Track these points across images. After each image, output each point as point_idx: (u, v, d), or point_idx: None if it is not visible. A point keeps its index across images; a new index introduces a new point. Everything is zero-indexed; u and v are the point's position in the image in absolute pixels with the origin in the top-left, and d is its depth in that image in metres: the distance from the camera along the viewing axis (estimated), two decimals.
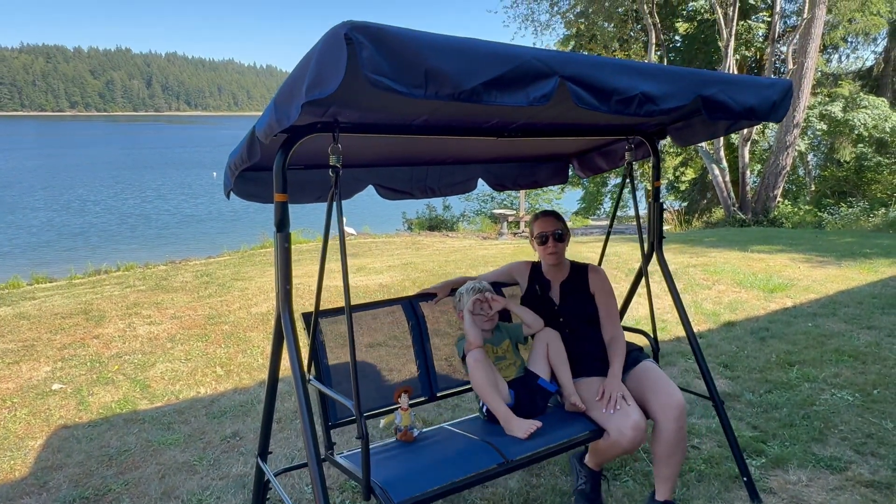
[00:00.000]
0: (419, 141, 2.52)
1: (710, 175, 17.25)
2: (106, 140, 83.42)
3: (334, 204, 2.09)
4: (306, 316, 2.48)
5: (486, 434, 2.46)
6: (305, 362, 2.35)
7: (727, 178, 16.99)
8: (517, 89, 1.61)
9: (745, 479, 2.80)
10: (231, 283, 7.81)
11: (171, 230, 20.19)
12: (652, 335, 3.01)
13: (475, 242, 12.22)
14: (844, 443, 3.28)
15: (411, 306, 2.79)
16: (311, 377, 2.39)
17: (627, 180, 3.09)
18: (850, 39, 20.95)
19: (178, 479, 3.07)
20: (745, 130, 16.62)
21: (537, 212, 2.90)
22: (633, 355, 2.78)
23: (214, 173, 38.29)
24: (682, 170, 21.67)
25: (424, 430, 2.63)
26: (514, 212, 14.49)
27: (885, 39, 20.82)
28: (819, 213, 15.78)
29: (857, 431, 3.40)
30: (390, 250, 10.76)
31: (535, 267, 2.96)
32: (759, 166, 18.76)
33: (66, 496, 2.93)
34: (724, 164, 17.04)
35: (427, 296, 2.85)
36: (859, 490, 2.84)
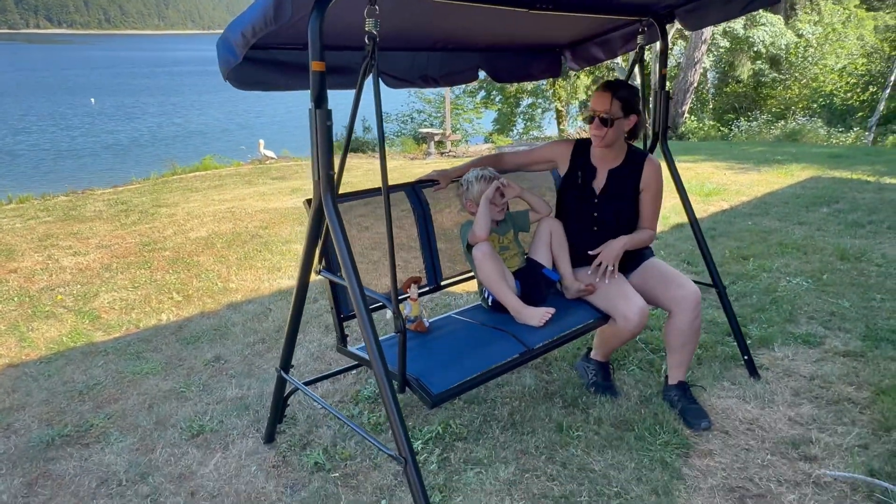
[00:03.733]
0: (426, 14, 2.28)
1: None
2: None
3: (367, 81, 1.83)
4: (309, 201, 2.22)
5: (497, 323, 2.46)
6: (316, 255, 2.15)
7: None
8: None
9: (745, 357, 2.96)
10: (154, 209, 7.19)
11: (46, 166, 17.72)
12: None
13: (405, 162, 11.93)
14: (813, 321, 3.55)
15: (415, 193, 2.63)
16: (322, 268, 2.19)
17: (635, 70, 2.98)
18: None
19: (168, 408, 2.81)
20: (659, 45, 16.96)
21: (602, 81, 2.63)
22: (640, 252, 2.75)
23: (92, 100, 34.49)
24: (593, 88, 22.06)
25: (432, 318, 2.58)
26: (441, 131, 14.20)
27: None
28: (722, 128, 16.72)
29: (821, 311, 3.67)
30: None
31: (581, 147, 2.73)
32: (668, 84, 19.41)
33: (42, 436, 2.60)
34: (638, 80, 17.46)
35: (428, 182, 2.68)
36: (839, 360, 3.09)
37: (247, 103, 31.85)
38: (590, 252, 2.57)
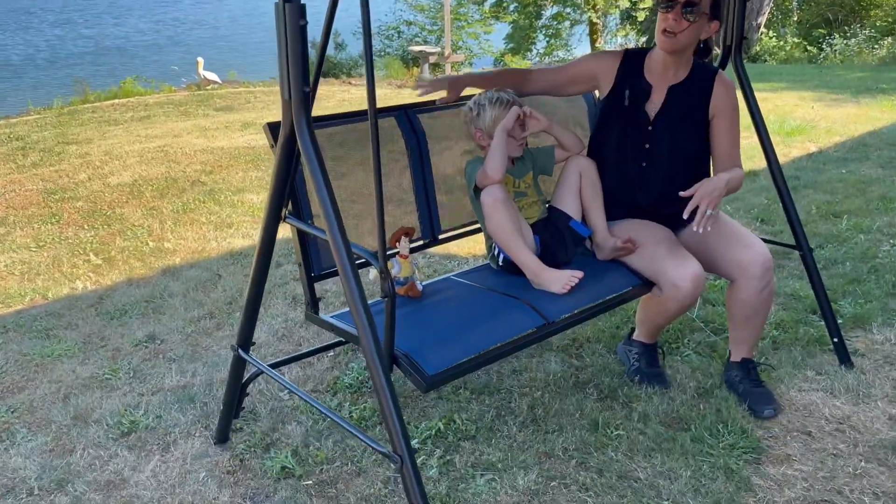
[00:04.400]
0: None
1: None
2: None
3: None
4: (272, 127, 2.23)
5: (509, 288, 2.49)
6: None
7: None
8: None
9: (834, 340, 3.01)
10: (61, 147, 7.28)
11: None
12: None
13: (390, 91, 11.86)
14: None
15: (408, 119, 2.62)
16: (288, 213, 2.21)
17: None
18: None
19: (89, 399, 2.87)
20: None
21: None
22: None
23: None
24: None
25: (426, 282, 2.62)
26: (438, 50, 14.02)
27: None
28: (809, 48, 16.57)
29: None
30: (276, 102, 10.21)
31: (631, 58, 2.70)
32: None
33: None
34: None
35: (428, 106, 2.66)
36: None
37: (179, 9, 31.42)
38: (681, 193, 2.42)
